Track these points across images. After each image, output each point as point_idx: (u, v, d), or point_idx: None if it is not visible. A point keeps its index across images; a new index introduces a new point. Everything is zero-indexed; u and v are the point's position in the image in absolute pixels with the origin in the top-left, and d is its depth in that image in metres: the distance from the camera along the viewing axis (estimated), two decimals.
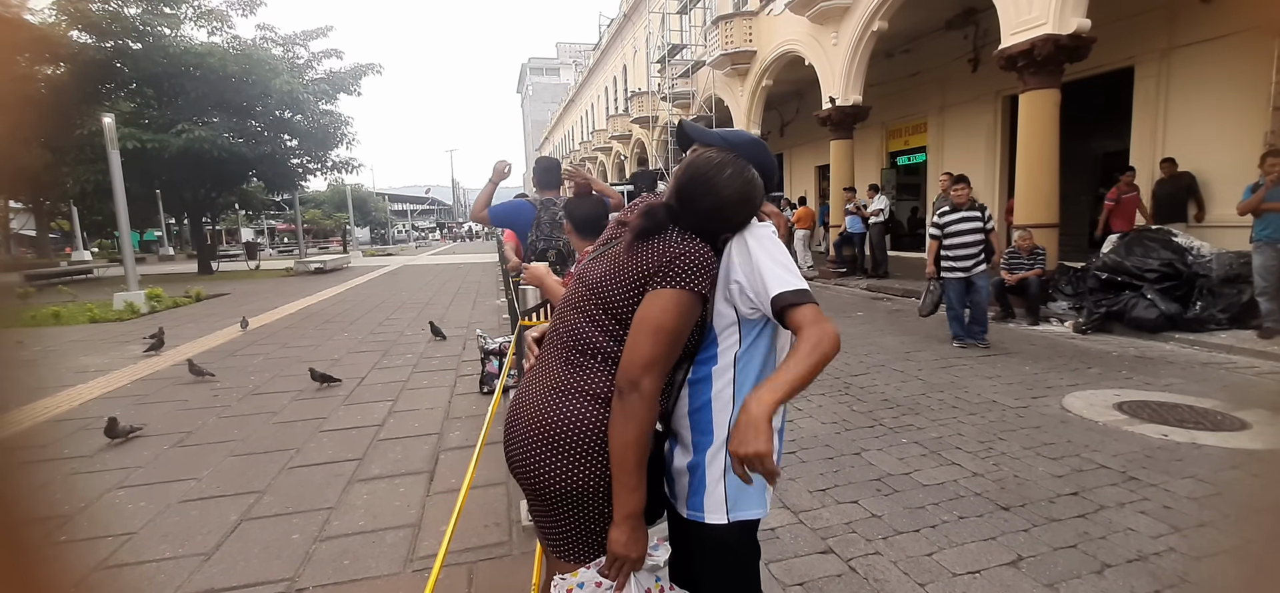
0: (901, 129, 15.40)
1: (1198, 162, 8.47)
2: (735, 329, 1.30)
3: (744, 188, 1.28)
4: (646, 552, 1.27)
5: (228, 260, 27.48)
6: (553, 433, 1.27)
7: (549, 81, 71.97)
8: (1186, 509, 2.87)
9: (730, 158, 1.29)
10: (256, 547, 2.82)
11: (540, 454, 1.28)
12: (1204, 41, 8.62)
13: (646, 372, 1.20)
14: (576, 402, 1.28)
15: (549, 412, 1.29)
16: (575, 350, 1.32)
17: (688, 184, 1.30)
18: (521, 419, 1.34)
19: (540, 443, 1.28)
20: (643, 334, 1.21)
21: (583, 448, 1.26)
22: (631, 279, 1.27)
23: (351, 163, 21.10)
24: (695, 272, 1.24)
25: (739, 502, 1.32)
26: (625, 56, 30.60)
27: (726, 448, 1.27)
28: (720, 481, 1.31)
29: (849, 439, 3.90)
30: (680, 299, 1.23)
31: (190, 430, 4.43)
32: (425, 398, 5.05)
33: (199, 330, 8.66)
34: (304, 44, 19.02)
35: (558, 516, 1.32)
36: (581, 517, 1.31)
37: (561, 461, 1.27)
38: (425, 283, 15.14)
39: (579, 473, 1.27)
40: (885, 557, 2.58)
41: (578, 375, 1.30)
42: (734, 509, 1.31)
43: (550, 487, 1.28)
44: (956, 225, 6.23)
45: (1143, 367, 5.39)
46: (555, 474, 1.27)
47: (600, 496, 1.28)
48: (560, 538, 1.33)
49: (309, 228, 51.23)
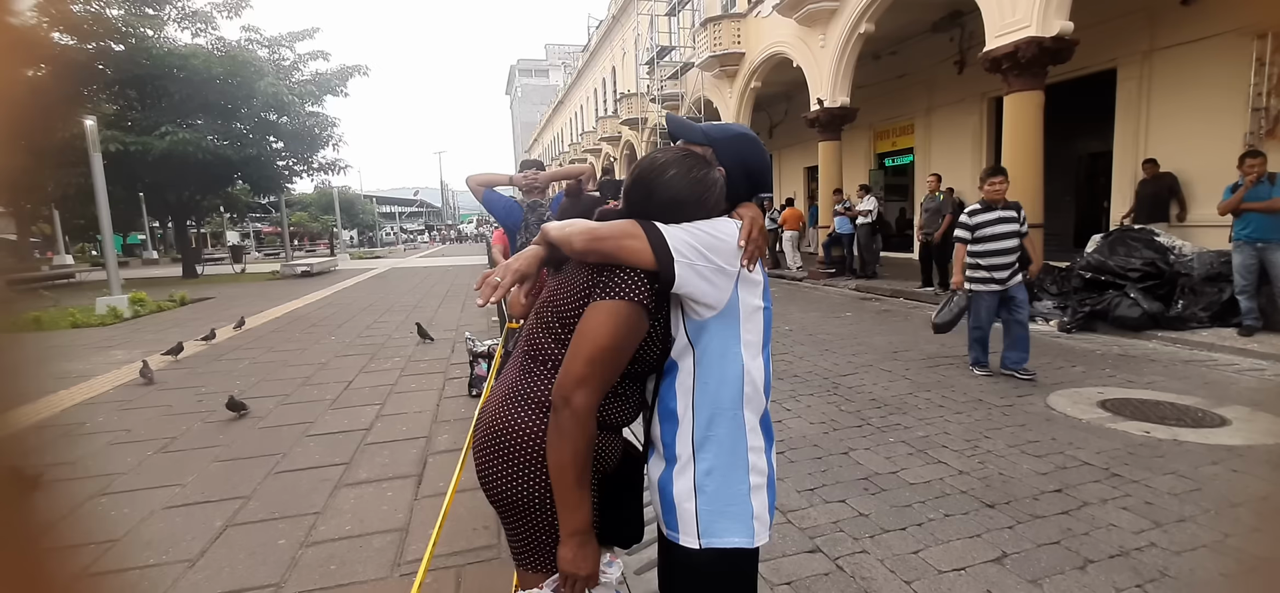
0: (889, 130, 15.53)
1: (1179, 162, 8.61)
2: (683, 333, 1.22)
3: (692, 187, 1.20)
4: (599, 569, 1.22)
5: (213, 264, 27.17)
6: (502, 441, 1.25)
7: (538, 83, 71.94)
8: (1167, 505, 2.91)
9: (678, 156, 1.23)
10: (242, 553, 2.79)
11: (493, 462, 1.27)
12: (1184, 44, 8.77)
13: (579, 387, 1.13)
14: (525, 410, 1.25)
15: (500, 419, 1.27)
16: (530, 357, 1.30)
17: (631, 188, 1.26)
18: (481, 426, 1.33)
19: (493, 450, 1.27)
20: (578, 349, 1.15)
21: (528, 457, 1.23)
22: (578, 288, 1.23)
23: (338, 164, 20.97)
24: (635, 281, 1.16)
25: (713, 526, 1.20)
26: (614, 58, 30.62)
27: (695, 466, 1.21)
28: (690, 500, 1.21)
29: (837, 439, 3.92)
30: (617, 310, 1.15)
31: (174, 436, 4.38)
32: (413, 401, 5.02)
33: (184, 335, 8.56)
34: (290, 46, 18.88)
35: (513, 523, 1.30)
36: (532, 526, 1.28)
37: (510, 469, 1.24)
38: (413, 286, 15.06)
39: (524, 482, 1.24)
40: (872, 555, 2.60)
41: (528, 383, 1.27)
42: (707, 535, 1.20)
43: (502, 495, 1.27)
44: (991, 227, 5.07)
45: (1126, 365, 5.46)
46: (505, 482, 1.25)
47: (548, 506, 1.24)
48: (518, 545, 1.32)
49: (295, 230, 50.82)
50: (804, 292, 11.49)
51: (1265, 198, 5.71)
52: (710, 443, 1.20)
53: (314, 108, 19.16)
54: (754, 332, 1.23)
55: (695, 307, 1.19)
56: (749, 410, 1.22)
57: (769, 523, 1.25)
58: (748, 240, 1.20)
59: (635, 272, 1.17)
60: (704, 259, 1.16)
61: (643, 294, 1.16)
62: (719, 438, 1.20)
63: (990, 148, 12.11)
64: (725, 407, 1.21)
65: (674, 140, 1.33)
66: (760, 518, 1.22)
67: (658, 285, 1.17)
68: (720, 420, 1.20)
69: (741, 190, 1.30)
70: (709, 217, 1.22)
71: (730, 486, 1.20)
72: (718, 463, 1.20)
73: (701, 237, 1.16)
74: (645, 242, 1.15)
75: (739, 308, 1.21)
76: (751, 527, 1.21)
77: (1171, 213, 8.47)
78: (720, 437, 1.20)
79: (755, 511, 1.22)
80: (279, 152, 19.60)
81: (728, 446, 1.21)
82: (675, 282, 1.15)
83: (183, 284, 16.57)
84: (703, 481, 1.20)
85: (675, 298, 1.22)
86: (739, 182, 1.29)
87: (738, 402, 1.21)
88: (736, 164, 1.28)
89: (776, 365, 5.86)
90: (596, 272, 1.21)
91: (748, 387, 1.21)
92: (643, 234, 1.15)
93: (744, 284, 1.21)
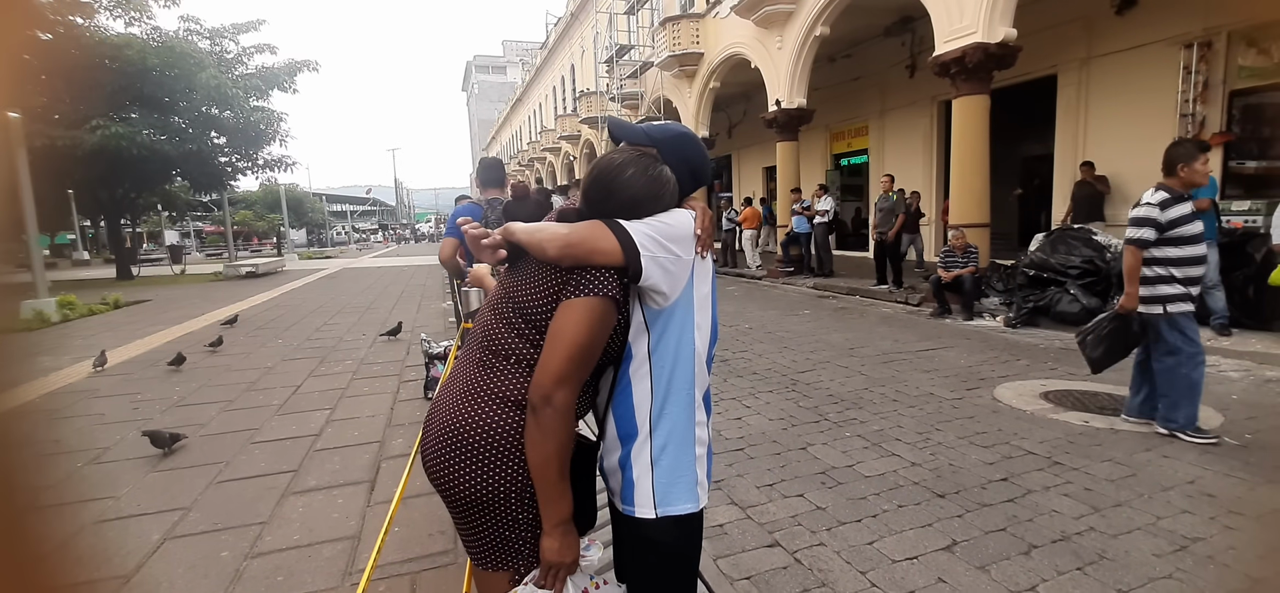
0: (844, 131, 15.88)
1: (1115, 165, 9.06)
2: (641, 320, 1.28)
3: (650, 185, 1.27)
4: (579, 555, 1.26)
5: (150, 264, 25.89)
6: (464, 438, 1.24)
7: (495, 80, 70.95)
8: (1105, 491, 3.05)
9: (634, 156, 1.28)
10: (181, 567, 2.65)
11: (452, 460, 1.25)
12: (1119, 52, 9.24)
13: (559, 386, 1.17)
14: (488, 406, 1.25)
15: (460, 417, 1.26)
16: (489, 353, 1.29)
17: (591, 188, 1.31)
18: (434, 425, 1.31)
19: (452, 449, 1.25)
20: (556, 348, 1.18)
21: (494, 453, 1.24)
22: (543, 285, 1.25)
23: (285, 161, 20.20)
24: (606, 277, 1.21)
25: (667, 495, 1.29)
26: (573, 56, 30.44)
27: (651, 442, 1.29)
28: (647, 474, 1.29)
29: (795, 435, 3.97)
30: (592, 307, 1.19)
31: (107, 446, 4.14)
32: (366, 405, 4.88)
33: (118, 339, 8.11)
34: (233, 38, 18.11)
35: (473, 522, 1.29)
36: (497, 523, 1.28)
37: (473, 466, 1.24)
38: (366, 286, 14.65)
39: (491, 479, 1.24)
40: (829, 547, 2.64)
41: (490, 379, 1.27)
42: (662, 503, 1.29)
43: (463, 494, 1.25)
44: (1189, 223, 3.67)
45: (1067, 358, 5.71)
46: (467, 481, 1.24)
47: (512, 501, 1.26)
48: (478, 546, 1.31)
49: (240, 230, 48.84)
50: (763, 290, 11.65)
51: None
52: (665, 420, 1.29)
53: (259, 103, 18.42)
54: (704, 316, 1.32)
55: (655, 296, 1.26)
56: (697, 388, 1.32)
57: (707, 487, 1.37)
58: (702, 229, 1.30)
59: (606, 269, 1.21)
60: (665, 250, 1.23)
61: (614, 289, 1.21)
62: (673, 415, 1.29)
63: (940, 150, 12.50)
64: (679, 386, 1.29)
65: (617, 142, 1.39)
66: (702, 484, 1.34)
67: (626, 279, 1.22)
68: (674, 399, 1.29)
69: (686, 185, 1.38)
70: (666, 208, 1.29)
71: (682, 457, 1.30)
72: (672, 438, 1.29)
73: (661, 228, 1.24)
74: (615, 241, 1.21)
75: (693, 295, 1.29)
76: (696, 494, 1.32)
77: (1107, 213, 8.90)
78: (674, 414, 1.29)
79: (699, 478, 1.33)
80: (221, 147, 18.76)
81: (681, 421, 1.30)
82: (642, 274, 1.21)
83: (117, 286, 15.72)
84: (659, 455, 1.29)
85: (635, 289, 1.28)
86: (684, 178, 1.37)
87: (690, 381, 1.30)
88: (680, 162, 1.36)
89: (736, 364, 5.91)
90: (567, 271, 1.24)
91: (697, 366, 1.30)
92: (611, 234, 1.22)
93: (697, 272, 1.29)
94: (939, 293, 7.92)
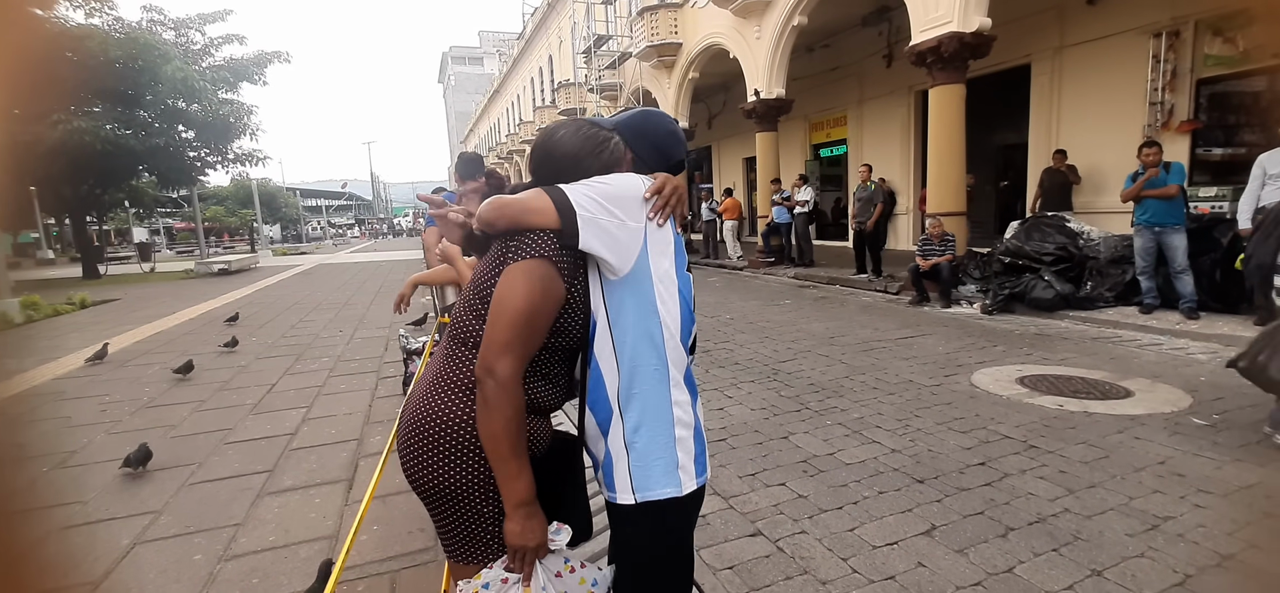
0: (823, 122, 15.95)
1: (1087, 153, 9.21)
2: (599, 296, 1.25)
3: (586, 142, 1.27)
4: (547, 537, 1.22)
5: (118, 263, 25.21)
6: (427, 430, 1.22)
7: (472, 71, 70.09)
8: (1079, 473, 3.10)
9: (569, 121, 1.31)
10: (152, 571, 2.58)
11: (419, 452, 1.23)
12: (1091, 41, 9.39)
13: (501, 355, 1.13)
14: (450, 395, 1.23)
15: (424, 407, 1.24)
16: (454, 341, 1.27)
17: (532, 158, 1.33)
18: (404, 418, 1.29)
19: (418, 440, 1.23)
20: (496, 317, 1.15)
21: (454, 444, 1.21)
22: (492, 261, 1.25)
23: (256, 155, 19.74)
24: (540, 239, 1.17)
25: (645, 479, 1.26)
26: (551, 47, 30.16)
27: (623, 422, 1.25)
28: (623, 457, 1.26)
29: (777, 424, 3.99)
30: (529, 270, 1.16)
31: (73, 450, 4.02)
32: (343, 403, 4.80)
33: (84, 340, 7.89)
34: (200, 28, 17.62)
35: (443, 515, 1.26)
36: (465, 515, 1.25)
37: (437, 458, 1.22)
38: (343, 283, 14.43)
39: (454, 470, 1.22)
40: (811, 535, 2.65)
41: (453, 368, 1.25)
42: (640, 489, 1.26)
43: (431, 486, 1.23)
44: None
45: (1041, 343, 5.81)
46: (433, 473, 1.22)
47: (477, 493, 1.23)
48: (450, 538, 1.28)
49: (211, 226, 47.77)
50: (744, 280, 11.69)
51: (1161, 185, 6.16)
52: (634, 399, 1.25)
53: (228, 95, 17.97)
54: (669, 293, 1.26)
55: (609, 268, 1.22)
56: (672, 367, 1.27)
57: (698, 472, 1.31)
58: (656, 194, 1.24)
59: (541, 232, 1.18)
60: (607, 212, 1.19)
61: (549, 250, 1.18)
62: (642, 394, 1.25)
63: (918, 139, 12.62)
64: (645, 363, 1.25)
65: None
66: (686, 468, 1.28)
67: (563, 245, 1.18)
68: (640, 377, 1.24)
69: (652, 162, 1.35)
70: (608, 166, 1.28)
71: (657, 439, 1.26)
72: (644, 418, 1.25)
73: (602, 189, 1.21)
74: (548, 200, 1.18)
75: (651, 271, 1.24)
76: (678, 478, 1.27)
77: (1076, 200, 9.06)
78: (643, 392, 1.25)
79: (681, 461, 1.27)
80: (190, 142, 18.27)
81: (652, 401, 1.25)
82: (579, 237, 1.17)
83: (83, 285, 15.29)
84: (632, 437, 1.25)
85: (591, 263, 1.25)
86: (646, 154, 1.35)
87: (660, 358, 1.25)
88: (637, 138, 1.34)
89: (717, 354, 5.92)
90: (505, 240, 1.23)
91: (668, 343, 1.26)
92: (545, 194, 1.19)
93: (654, 248, 1.24)
94: (917, 281, 8.01)
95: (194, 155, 18.74)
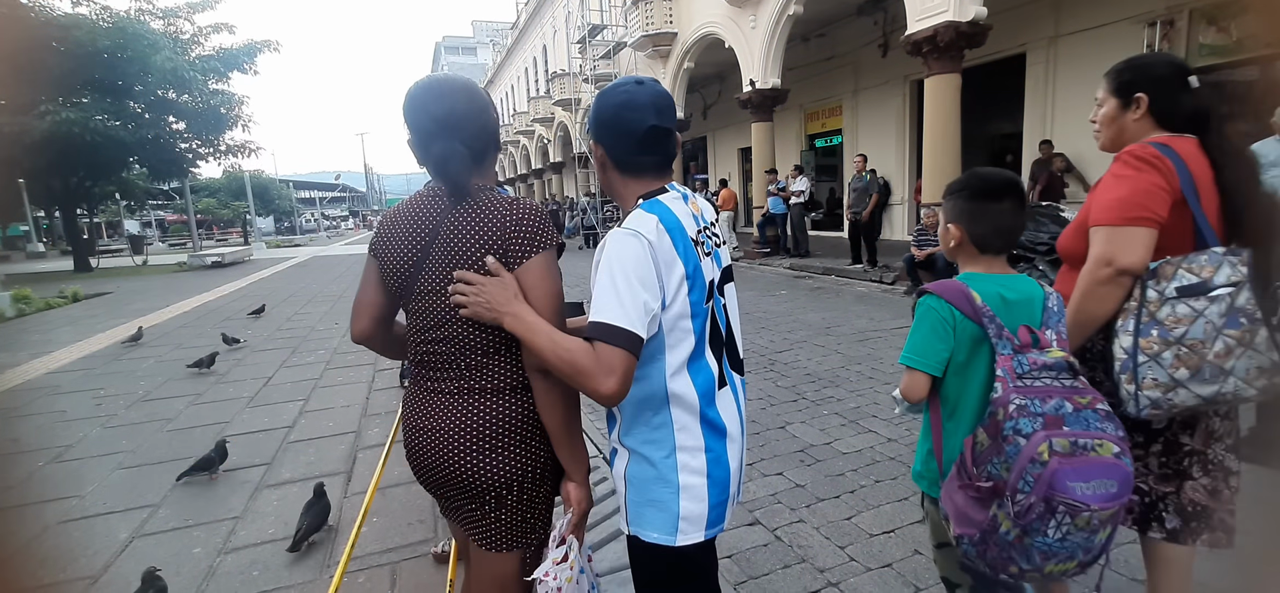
0: (818, 112, 15.94)
1: (1081, 143, 9.24)
2: None
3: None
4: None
5: (110, 255, 25.01)
6: (483, 431, 1.26)
7: (466, 62, 69.56)
8: None
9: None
10: (152, 564, 2.58)
11: (471, 454, 1.26)
12: (1085, 30, 9.40)
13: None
14: (495, 398, 1.27)
15: (474, 412, 1.27)
16: (469, 351, 1.27)
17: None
18: (432, 428, 1.29)
19: (471, 443, 1.26)
20: (541, 310, 1.19)
21: (515, 438, 1.28)
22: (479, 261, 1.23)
23: (248, 146, 19.58)
24: (545, 231, 1.24)
25: (639, 518, 1.23)
26: (545, 36, 29.95)
27: (626, 457, 1.25)
28: (622, 490, 1.26)
29: (774, 414, 4.01)
30: (548, 259, 1.24)
31: (69, 444, 4.00)
32: (340, 395, 4.79)
33: (77, 334, 7.84)
34: (188, 17, 17.41)
35: (492, 507, 1.31)
36: (524, 501, 1.32)
37: (496, 454, 1.27)
38: (338, 274, 14.38)
39: (516, 462, 1.28)
40: (808, 524, 2.67)
41: (486, 375, 1.28)
42: (634, 524, 1.25)
43: (485, 482, 1.27)
44: None
45: None
46: (491, 469, 1.27)
47: (530, 479, 1.31)
48: (494, 530, 1.33)
49: (203, 218, 47.41)
50: (739, 271, 11.70)
51: None
52: (633, 442, 1.24)
53: (219, 85, 17.79)
54: (683, 340, 1.17)
55: None
56: (680, 411, 1.19)
57: (709, 524, 1.22)
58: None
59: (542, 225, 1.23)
60: (648, 290, 1.10)
61: (552, 239, 1.25)
62: (642, 438, 1.22)
63: (913, 129, 12.63)
64: (646, 410, 1.20)
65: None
66: (689, 518, 1.20)
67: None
68: (641, 425, 1.22)
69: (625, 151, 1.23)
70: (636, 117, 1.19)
71: (652, 485, 1.21)
72: (641, 462, 1.23)
73: (624, 278, 1.09)
74: (616, 354, 1.06)
75: (661, 325, 1.15)
76: (675, 528, 1.20)
77: (1064, 190, 9.09)
78: (643, 437, 1.22)
79: (683, 511, 1.19)
80: (181, 133, 18.11)
81: (652, 446, 1.21)
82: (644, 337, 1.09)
83: (75, 278, 15.17)
84: (631, 474, 1.24)
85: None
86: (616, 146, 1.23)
87: (661, 405, 1.19)
88: (605, 131, 1.23)
89: None
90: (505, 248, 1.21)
91: (674, 390, 1.18)
92: (609, 350, 1.06)
93: (668, 289, 1.15)
94: (912, 271, 8.03)
95: (185, 147, 18.59)
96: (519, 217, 1.23)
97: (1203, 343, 1.35)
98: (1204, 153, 1.50)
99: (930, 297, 1.37)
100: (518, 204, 1.25)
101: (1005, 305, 1.33)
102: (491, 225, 1.21)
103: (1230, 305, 1.34)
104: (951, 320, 1.33)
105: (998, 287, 1.35)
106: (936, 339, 1.34)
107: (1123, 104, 1.64)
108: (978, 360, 1.33)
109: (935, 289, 1.37)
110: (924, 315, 1.37)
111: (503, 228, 1.21)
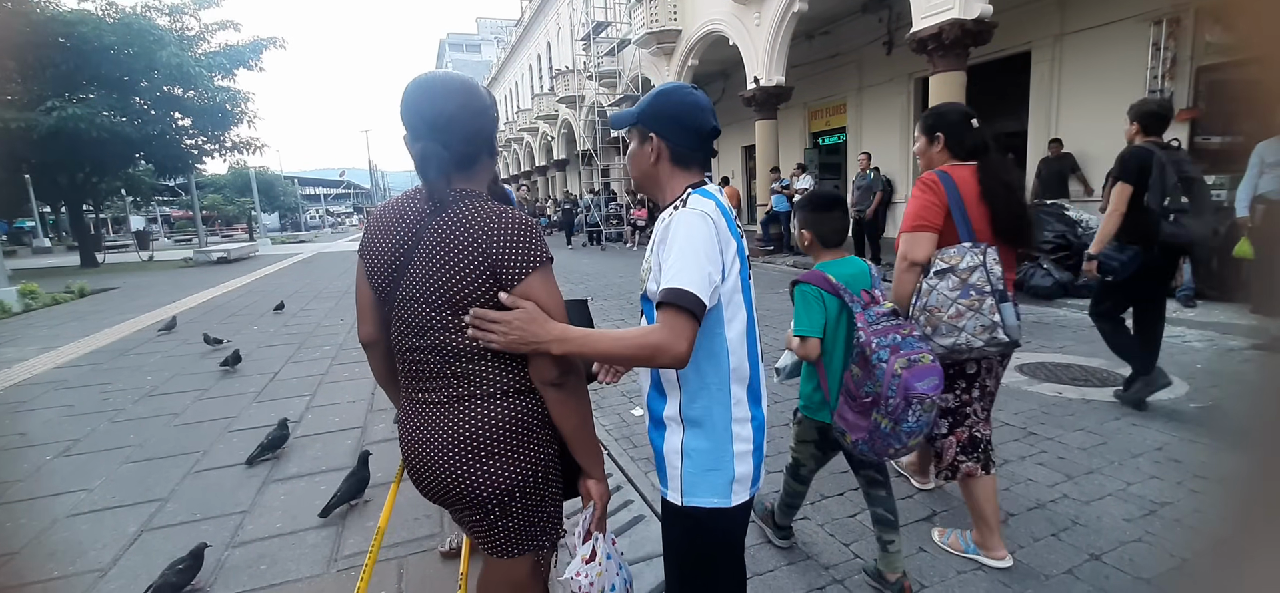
0: (822, 109, 15.90)
1: (1085, 141, 9.21)
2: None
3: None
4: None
5: (116, 251, 25.13)
6: (477, 438, 1.23)
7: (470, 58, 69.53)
8: (1077, 459, 3.14)
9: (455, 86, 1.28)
10: (160, 558, 2.59)
11: (468, 464, 1.23)
12: (1091, 28, 9.35)
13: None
14: (498, 403, 1.24)
15: (466, 421, 1.23)
16: (456, 358, 1.23)
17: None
18: (426, 441, 1.26)
19: (466, 453, 1.23)
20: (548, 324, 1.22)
21: (511, 443, 1.25)
22: (478, 277, 1.19)
23: (253, 143, 19.65)
24: (537, 245, 1.21)
25: (695, 488, 1.29)
26: (549, 34, 29.95)
27: (683, 431, 1.29)
28: (676, 458, 1.30)
29: (778, 411, 4.01)
30: (548, 273, 1.24)
31: (77, 438, 4.04)
32: (346, 391, 4.82)
33: (84, 329, 7.89)
34: (194, 13, 17.46)
35: (497, 517, 1.28)
36: (534, 503, 1.31)
37: (493, 462, 1.24)
38: (343, 271, 14.42)
39: (516, 468, 1.26)
40: (813, 521, 2.68)
41: (475, 382, 1.23)
42: (689, 494, 1.30)
43: (486, 491, 1.24)
44: None
45: (1041, 331, 5.84)
46: (490, 478, 1.24)
47: (533, 484, 1.30)
48: (505, 536, 1.31)
49: (209, 215, 47.58)
50: None
51: None
52: (695, 416, 1.28)
53: (224, 82, 17.84)
54: (737, 313, 1.28)
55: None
56: (736, 384, 1.29)
57: (754, 479, 1.34)
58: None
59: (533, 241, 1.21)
60: (712, 263, 1.20)
61: (545, 254, 1.23)
62: (706, 412, 1.28)
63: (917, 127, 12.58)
64: (711, 385, 1.27)
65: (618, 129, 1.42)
66: (742, 480, 1.31)
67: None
68: (704, 396, 1.27)
69: (688, 146, 1.33)
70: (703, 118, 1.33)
71: (714, 455, 1.28)
72: (703, 434, 1.28)
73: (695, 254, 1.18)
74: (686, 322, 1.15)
75: (721, 298, 1.25)
76: (730, 490, 1.30)
77: (1072, 189, 9.06)
78: (706, 411, 1.27)
79: (737, 474, 1.30)
80: (186, 129, 18.18)
81: (714, 419, 1.28)
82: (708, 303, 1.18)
83: (81, 274, 15.25)
84: (689, 448, 1.29)
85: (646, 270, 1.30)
86: (680, 141, 1.32)
87: (724, 380, 1.27)
88: (666, 124, 1.32)
89: None
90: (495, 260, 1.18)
91: (733, 363, 1.28)
92: (682, 317, 1.15)
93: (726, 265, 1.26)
94: None
95: (191, 143, 18.65)
96: (508, 233, 1.17)
97: (938, 309, 2.05)
98: (976, 176, 2.09)
99: (803, 284, 1.96)
100: (505, 216, 1.19)
101: (848, 280, 1.96)
102: (478, 239, 1.16)
103: (961, 282, 2.01)
104: (820, 297, 1.94)
105: (841, 268, 2.00)
106: (816, 313, 1.93)
107: (929, 141, 2.27)
108: (842, 323, 1.95)
109: (803, 279, 1.96)
110: (802, 298, 1.96)
111: (489, 244, 1.16)
